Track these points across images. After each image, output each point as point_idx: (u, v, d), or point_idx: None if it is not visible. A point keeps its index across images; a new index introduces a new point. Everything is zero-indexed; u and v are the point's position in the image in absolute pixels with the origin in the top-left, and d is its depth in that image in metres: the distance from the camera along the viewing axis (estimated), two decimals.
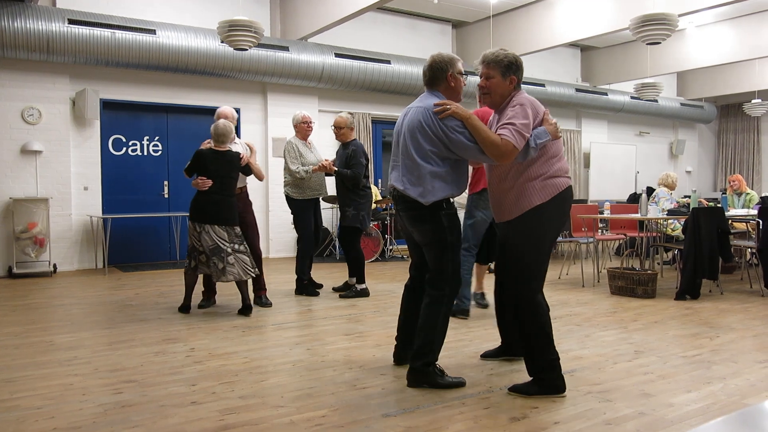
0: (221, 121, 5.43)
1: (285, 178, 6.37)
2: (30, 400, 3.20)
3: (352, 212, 6.19)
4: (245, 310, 5.35)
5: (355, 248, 6.32)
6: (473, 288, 5.57)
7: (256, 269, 5.41)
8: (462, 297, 5.16)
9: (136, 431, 2.79)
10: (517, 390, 3.27)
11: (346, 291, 6.38)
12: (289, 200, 6.39)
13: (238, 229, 5.33)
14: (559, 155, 3.36)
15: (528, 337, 3.28)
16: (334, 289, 6.56)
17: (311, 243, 6.44)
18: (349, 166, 6.15)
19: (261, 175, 5.76)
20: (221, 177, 5.29)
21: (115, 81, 8.72)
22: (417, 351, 3.39)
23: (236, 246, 5.28)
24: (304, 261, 6.42)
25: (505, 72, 3.35)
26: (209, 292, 5.71)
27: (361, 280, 6.31)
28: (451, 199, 3.48)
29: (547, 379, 3.23)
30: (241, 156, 5.43)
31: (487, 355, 3.97)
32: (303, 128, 6.44)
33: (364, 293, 6.29)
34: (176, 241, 9.21)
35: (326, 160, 6.23)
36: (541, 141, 3.23)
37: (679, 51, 11.91)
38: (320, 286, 6.63)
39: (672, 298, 6.12)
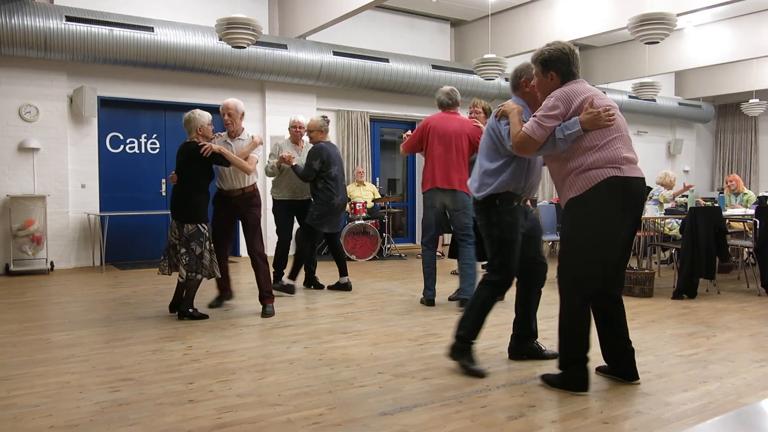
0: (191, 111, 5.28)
1: None
2: (27, 398, 3.20)
3: (309, 209, 6.35)
4: (174, 309, 5.30)
5: (300, 244, 6.39)
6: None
7: (194, 275, 5.03)
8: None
9: (133, 429, 2.79)
10: (545, 379, 3.40)
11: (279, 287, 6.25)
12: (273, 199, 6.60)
13: (189, 228, 5.04)
14: (599, 145, 3.19)
15: (562, 331, 3.32)
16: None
17: (283, 245, 6.46)
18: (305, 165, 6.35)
19: (245, 167, 5.22)
20: (179, 170, 5.22)
21: (112, 78, 8.70)
22: (458, 321, 3.68)
23: (183, 240, 5.06)
24: (276, 261, 6.42)
25: (544, 69, 3.36)
26: (222, 291, 5.67)
27: (293, 277, 6.35)
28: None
29: (572, 374, 3.27)
30: (201, 145, 5.05)
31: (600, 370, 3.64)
32: (293, 132, 6.61)
33: (289, 289, 6.26)
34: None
35: (287, 152, 6.24)
36: (569, 132, 3.17)
37: (678, 50, 11.92)
38: (321, 286, 6.72)
39: (669, 298, 6.13)
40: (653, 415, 2.95)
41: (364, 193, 10.07)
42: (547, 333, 4.39)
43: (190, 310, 5.14)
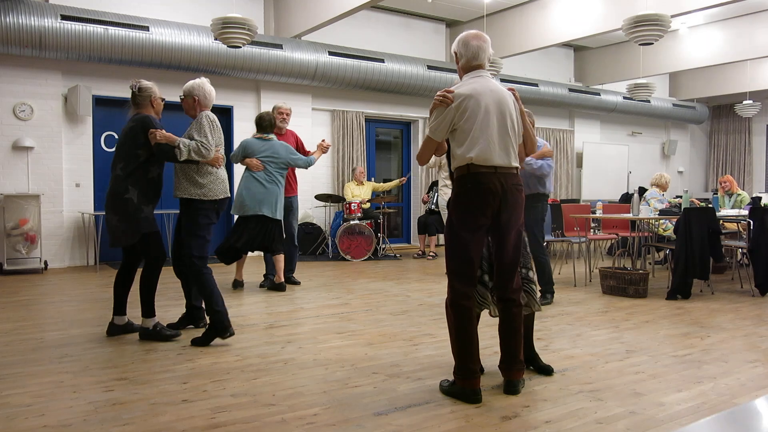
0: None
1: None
2: (20, 397, 3.19)
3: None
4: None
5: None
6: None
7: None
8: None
9: (127, 429, 2.78)
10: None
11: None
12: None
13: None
14: None
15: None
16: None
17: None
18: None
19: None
20: None
21: (107, 77, 8.68)
22: None
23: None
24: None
25: None
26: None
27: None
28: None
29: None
30: None
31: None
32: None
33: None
34: (167, 239, 9.17)
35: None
36: None
37: (672, 52, 11.96)
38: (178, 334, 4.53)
39: (663, 298, 6.14)
40: (647, 415, 2.96)
41: (363, 191, 10.05)
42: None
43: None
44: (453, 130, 3.20)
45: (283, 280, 6.74)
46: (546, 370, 3.60)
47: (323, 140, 6.57)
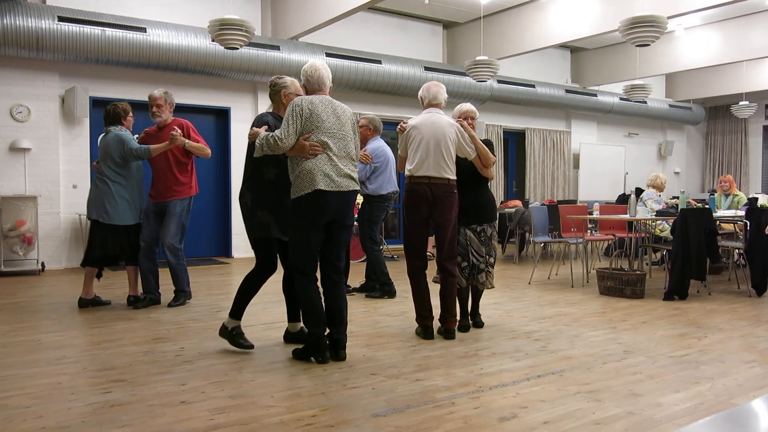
0: None
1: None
2: (18, 399, 3.18)
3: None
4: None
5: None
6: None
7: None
8: None
9: (125, 431, 2.78)
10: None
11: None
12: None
13: (489, 230, 4.84)
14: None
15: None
16: None
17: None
18: None
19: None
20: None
21: (105, 79, 8.67)
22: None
23: (488, 244, 4.86)
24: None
25: None
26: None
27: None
28: None
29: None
30: None
31: None
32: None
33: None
34: None
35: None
36: None
37: (668, 53, 11.99)
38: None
39: (660, 299, 6.16)
40: (645, 416, 2.97)
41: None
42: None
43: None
44: (407, 149, 4.54)
45: (138, 294, 5.82)
46: (478, 324, 4.87)
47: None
